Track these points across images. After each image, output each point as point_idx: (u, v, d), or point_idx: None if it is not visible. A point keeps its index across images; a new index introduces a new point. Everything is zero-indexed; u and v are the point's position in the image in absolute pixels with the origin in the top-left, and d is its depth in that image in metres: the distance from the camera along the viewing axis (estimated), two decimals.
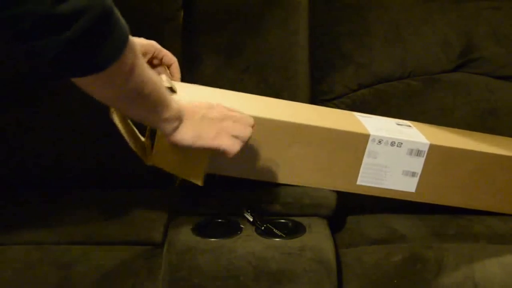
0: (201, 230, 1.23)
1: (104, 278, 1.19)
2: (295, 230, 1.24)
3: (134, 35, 0.90)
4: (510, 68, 1.59)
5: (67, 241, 1.27)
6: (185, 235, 1.21)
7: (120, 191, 1.46)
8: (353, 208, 1.40)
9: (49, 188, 1.46)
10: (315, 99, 1.58)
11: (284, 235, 1.22)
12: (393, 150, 1.15)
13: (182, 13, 1.55)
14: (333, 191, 1.29)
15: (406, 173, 1.19)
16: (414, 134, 1.22)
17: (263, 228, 1.22)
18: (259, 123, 1.14)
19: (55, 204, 1.40)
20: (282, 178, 1.20)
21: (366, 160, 1.16)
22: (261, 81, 1.54)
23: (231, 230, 1.23)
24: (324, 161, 1.17)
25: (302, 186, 1.29)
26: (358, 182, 1.19)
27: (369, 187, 1.20)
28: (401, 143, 1.15)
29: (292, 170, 1.19)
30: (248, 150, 1.16)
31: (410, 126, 1.28)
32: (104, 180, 1.49)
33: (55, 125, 1.47)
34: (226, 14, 1.55)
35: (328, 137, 1.15)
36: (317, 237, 1.22)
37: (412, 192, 1.21)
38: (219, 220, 1.26)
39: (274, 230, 1.22)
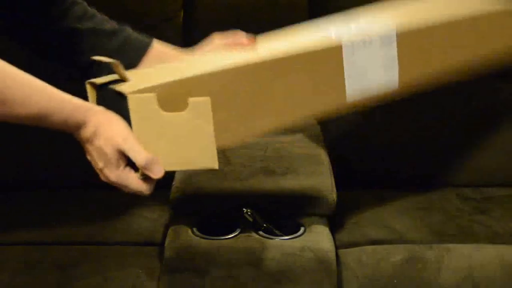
0: (201, 230, 1.23)
1: (104, 278, 1.19)
2: (295, 230, 1.24)
3: None
4: (510, 68, 1.59)
5: (67, 241, 1.27)
6: (185, 235, 1.21)
7: (120, 191, 1.45)
8: (352, 207, 1.40)
9: (49, 188, 1.46)
10: None
11: (284, 235, 1.22)
12: (367, 49, 1.12)
13: (182, 13, 1.56)
14: (332, 190, 1.28)
15: (386, 67, 1.17)
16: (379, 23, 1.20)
17: (263, 228, 1.22)
18: (242, 72, 1.08)
19: (55, 204, 1.40)
20: (276, 122, 1.14)
21: (346, 67, 1.14)
22: None
23: (231, 230, 1.23)
24: (309, 88, 1.15)
25: (302, 187, 1.28)
26: (348, 99, 1.16)
27: (360, 100, 1.17)
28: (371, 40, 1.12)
29: (281, 110, 1.14)
30: (237, 106, 1.09)
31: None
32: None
33: None
34: (226, 14, 1.55)
35: (306, 61, 1.13)
36: (317, 237, 1.22)
37: (396, 88, 1.18)
38: (219, 220, 1.26)
39: (274, 230, 1.22)
